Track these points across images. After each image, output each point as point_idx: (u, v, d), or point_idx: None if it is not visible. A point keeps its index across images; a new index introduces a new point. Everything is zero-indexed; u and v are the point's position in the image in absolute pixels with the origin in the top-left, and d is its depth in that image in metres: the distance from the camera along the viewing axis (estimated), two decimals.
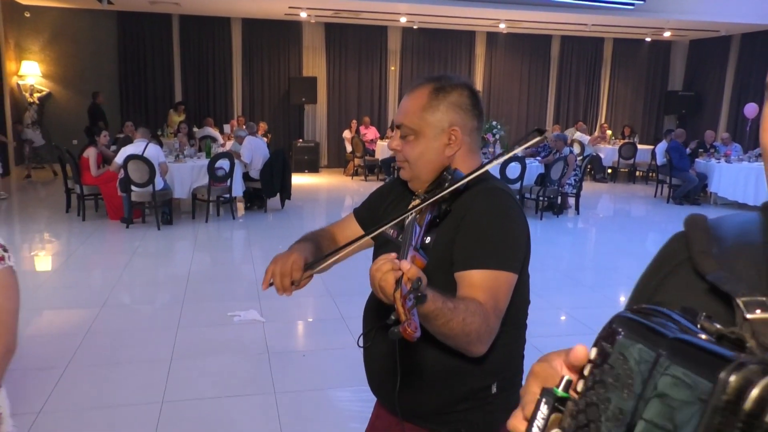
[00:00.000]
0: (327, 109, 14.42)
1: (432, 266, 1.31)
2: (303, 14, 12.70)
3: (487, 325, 1.30)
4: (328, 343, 4.34)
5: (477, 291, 1.34)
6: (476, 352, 1.33)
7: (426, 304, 1.13)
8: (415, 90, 1.51)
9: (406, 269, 1.08)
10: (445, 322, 1.21)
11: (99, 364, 3.91)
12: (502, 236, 1.43)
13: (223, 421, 3.26)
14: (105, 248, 7.25)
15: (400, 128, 1.51)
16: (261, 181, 9.08)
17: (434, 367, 1.46)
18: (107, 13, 12.63)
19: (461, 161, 1.50)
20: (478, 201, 1.43)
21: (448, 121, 1.48)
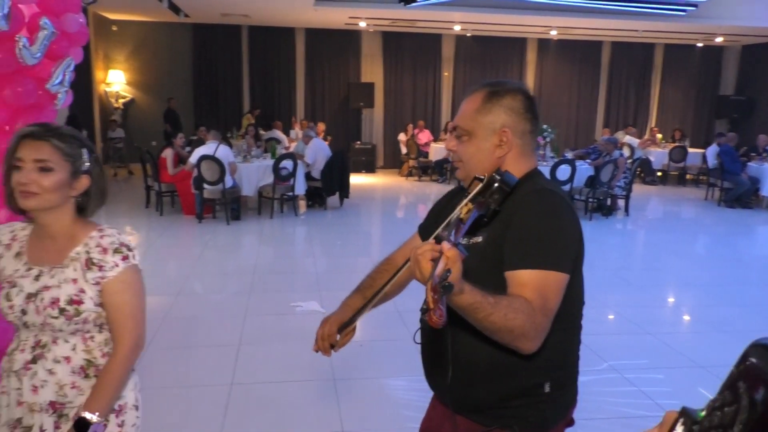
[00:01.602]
0: (383, 113, 14.46)
1: (482, 265, 1.31)
2: (362, 24, 12.77)
3: (533, 323, 1.26)
4: (384, 334, 4.35)
5: (525, 290, 1.31)
6: (525, 348, 1.29)
7: (463, 297, 1.14)
8: (472, 94, 1.51)
9: (446, 249, 1.08)
10: (485, 316, 1.20)
11: (175, 347, 4.03)
12: (551, 236, 1.38)
13: (287, 404, 3.31)
14: (179, 241, 7.49)
15: (455, 130, 1.52)
16: (321, 180, 9.18)
17: (486, 362, 1.43)
18: (184, 25, 13.03)
19: (512, 163, 1.47)
20: (527, 201, 1.40)
21: (500, 122, 1.46)
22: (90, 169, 1.54)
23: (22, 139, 1.46)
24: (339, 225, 8.45)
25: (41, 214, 1.50)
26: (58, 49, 3.46)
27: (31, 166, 1.44)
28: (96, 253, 1.51)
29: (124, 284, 1.52)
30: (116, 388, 1.53)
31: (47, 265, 1.52)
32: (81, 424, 1.44)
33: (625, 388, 3.61)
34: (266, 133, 11.68)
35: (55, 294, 1.48)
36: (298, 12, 11.66)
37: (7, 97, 3.31)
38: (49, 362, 1.50)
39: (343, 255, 6.78)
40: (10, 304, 1.49)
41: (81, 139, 1.54)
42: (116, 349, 1.53)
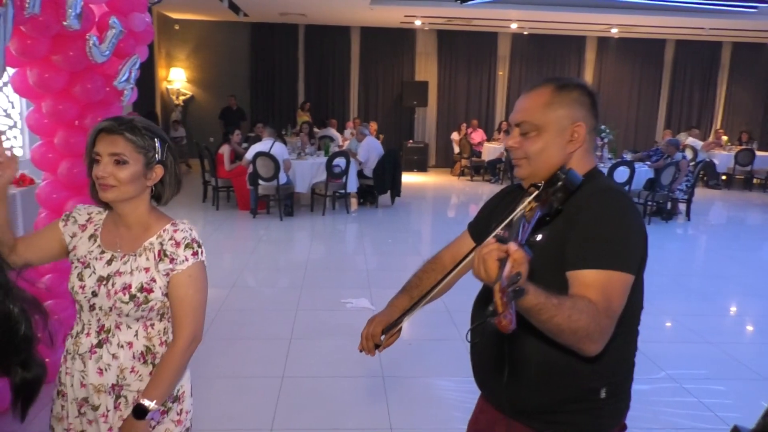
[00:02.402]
0: (436, 112, 14.41)
1: (541, 265, 1.25)
2: (417, 22, 12.75)
3: (597, 324, 1.22)
4: (433, 333, 4.33)
5: (589, 290, 1.26)
6: (588, 350, 1.26)
7: (527, 298, 1.10)
8: (535, 89, 1.45)
9: (512, 250, 1.05)
10: (549, 318, 1.16)
11: (229, 338, 4.13)
12: (617, 236, 1.33)
13: (336, 399, 3.35)
14: (234, 235, 7.66)
15: (519, 126, 1.44)
16: (373, 178, 9.22)
17: (542, 364, 1.39)
18: (242, 24, 13.32)
19: (577, 160, 1.42)
20: (592, 200, 1.35)
21: (572, 117, 1.41)
22: (164, 159, 1.58)
23: (99, 133, 1.53)
24: (390, 223, 8.46)
25: (119, 204, 1.57)
26: (125, 48, 3.60)
27: (107, 160, 1.51)
28: (169, 245, 1.57)
29: (190, 278, 1.57)
30: (174, 378, 1.58)
31: (120, 252, 1.58)
32: (139, 411, 1.50)
33: (683, 399, 3.48)
34: (320, 130, 11.82)
35: (127, 280, 1.54)
36: (355, 11, 11.75)
37: (77, 93, 3.46)
38: (114, 347, 1.56)
39: (394, 253, 6.79)
40: (82, 284, 1.56)
41: (154, 130, 1.58)
42: (176, 340, 1.58)
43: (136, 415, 1.50)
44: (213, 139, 12.44)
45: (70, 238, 1.62)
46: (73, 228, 1.63)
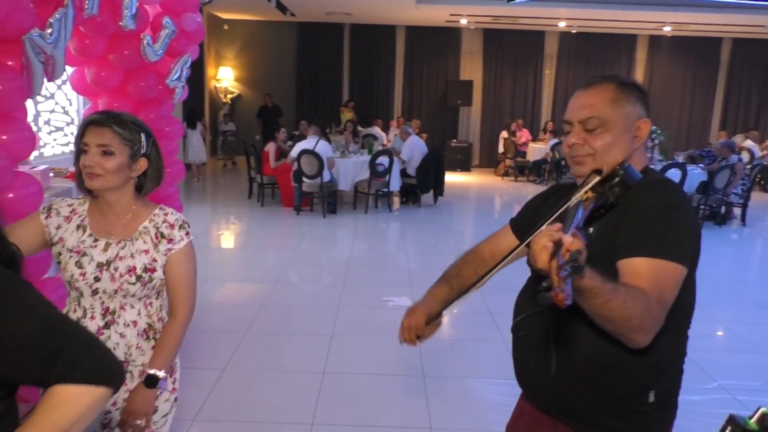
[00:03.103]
0: (481, 112, 14.29)
1: (592, 257, 1.21)
2: (463, 21, 12.67)
3: (650, 313, 1.19)
4: (475, 334, 4.30)
5: (640, 279, 1.23)
6: (638, 341, 1.22)
7: (583, 279, 1.09)
8: (595, 86, 1.42)
9: (567, 242, 1.03)
10: (604, 302, 1.14)
11: (271, 332, 4.20)
12: (670, 226, 1.30)
13: (376, 396, 3.36)
14: (278, 231, 7.78)
15: (583, 122, 1.41)
16: (416, 177, 9.21)
17: (591, 358, 1.35)
18: (289, 24, 13.50)
19: (636, 157, 1.41)
20: (647, 191, 1.33)
21: (637, 113, 1.40)
22: (148, 152, 1.67)
23: (88, 125, 1.61)
24: (432, 222, 8.44)
25: (105, 192, 1.65)
26: (177, 47, 3.69)
27: (95, 150, 1.59)
28: (164, 227, 1.69)
29: (186, 256, 1.71)
30: (176, 348, 1.72)
31: (115, 238, 1.66)
32: (151, 380, 1.65)
33: (736, 411, 3.35)
34: (364, 129, 11.88)
35: (130, 263, 1.64)
36: (400, 10, 11.76)
37: (131, 91, 3.57)
38: (120, 327, 1.67)
39: (436, 252, 6.76)
40: (82, 272, 1.63)
41: (140, 125, 1.68)
42: (176, 314, 1.71)
43: (148, 384, 1.65)
44: (258, 136, 12.65)
45: (55, 230, 1.68)
46: (57, 220, 1.69)
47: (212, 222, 8.04)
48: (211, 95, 13.59)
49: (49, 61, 2.49)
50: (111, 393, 1.10)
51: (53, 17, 2.46)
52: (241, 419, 3.06)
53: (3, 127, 2.37)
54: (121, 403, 1.69)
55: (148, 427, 1.69)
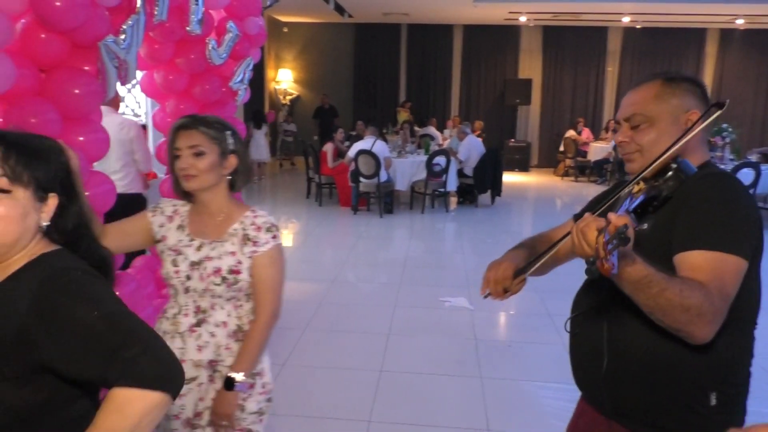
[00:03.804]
0: (540, 111, 14.04)
1: (648, 253, 1.21)
2: (522, 18, 12.48)
3: (711, 304, 1.15)
4: (533, 337, 4.23)
5: (699, 272, 1.19)
6: (699, 334, 1.17)
7: (636, 267, 1.11)
8: (643, 84, 1.43)
9: (613, 218, 1.06)
10: (659, 291, 1.13)
11: (329, 330, 4.26)
12: (728, 217, 1.26)
13: (433, 396, 3.36)
14: (335, 231, 7.88)
15: (628, 120, 1.41)
16: (474, 177, 9.13)
17: (647, 354, 1.31)
18: (347, 25, 13.65)
19: (691, 151, 1.36)
20: (704, 183, 1.30)
21: (684, 105, 1.37)
22: (236, 148, 1.72)
23: (177, 130, 1.68)
24: (489, 223, 8.35)
25: (201, 193, 1.70)
26: (240, 50, 3.80)
27: (187, 153, 1.65)
28: (251, 230, 1.70)
29: (270, 259, 1.71)
30: (257, 351, 1.72)
31: (208, 239, 1.71)
32: (229, 382, 1.66)
33: None
34: (421, 129, 11.87)
35: (217, 264, 1.68)
36: (458, 9, 11.69)
37: (196, 93, 3.70)
38: (211, 326, 1.71)
39: (493, 253, 6.61)
40: (176, 270, 1.70)
41: (224, 123, 1.72)
42: (258, 317, 1.72)
43: (226, 387, 1.66)
44: (316, 137, 12.84)
45: (158, 228, 1.76)
46: (161, 219, 1.77)
47: None
48: (271, 97, 13.90)
49: (122, 66, 2.61)
50: (169, 399, 1.04)
51: (126, 24, 2.58)
52: (300, 414, 3.12)
53: (80, 129, 2.50)
54: (209, 402, 1.71)
55: (233, 427, 1.71)
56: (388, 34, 13.90)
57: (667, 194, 1.27)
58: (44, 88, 2.41)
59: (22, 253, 1.10)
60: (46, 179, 1.09)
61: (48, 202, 1.10)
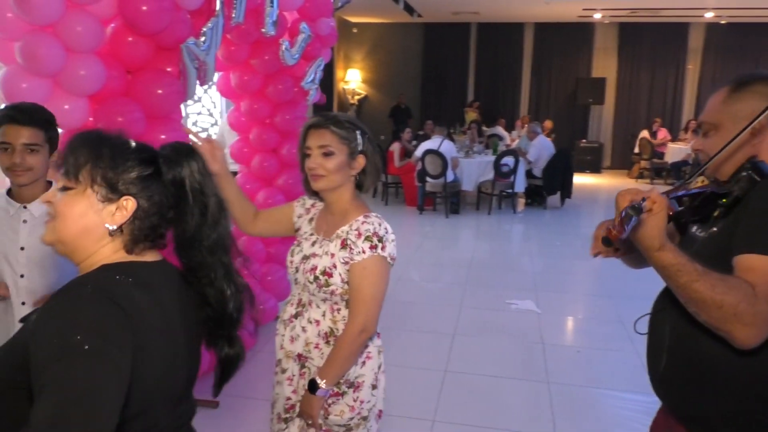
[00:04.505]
0: (614, 110, 13.58)
1: (710, 257, 1.20)
2: (597, 15, 12.11)
3: (750, 306, 1.11)
4: (604, 343, 4.10)
5: (751, 274, 1.15)
6: (739, 336, 1.13)
7: (665, 253, 1.15)
8: (717, 90, 1.39)
9: (653, 194, 1.14)
10: (688, 282, 1.14)
11: (393, 328, 4.28)
12: None
13: (498, 399, 3.32)
14: (401, 230, 7.90)
15: (701, 128, 1.41)
16: (543, 178, 8.95)
17: (694, 358, 1.28)
18: (416, 25, 13.67)
19: (766, 152, 1.30)
20: None
21: (751, 108, 1.29)
22: (365, 149, 1.70)
23: (308, 129, 1.68)
24: (558, 225, 8.16)
25: (328, 193, 1.71)
26: (311, 51, 3.88)
27: (317, 152, 1.65)
28: (352, 236, 1.65)
29: (365, 270, 1.63)
30: (344, 362, 1.64)
31: (321, 236, 1.73)
32: (312, 386, 1.64)
33: None
34: (489, 129, 11.74)
35: (315, 262, 1.68)
36: (529, 7, 11.48)
37: (269, 93, 3.81)
38: (305, 321, 1.72)
39: (562, 256, 6.53)
40: (291, 260, 1.76)
41: (355, 123, 1.71)
42: (347, 326, 1.65)
43: (309, 389, 1.65)
44: (383, 136, 12.93)
45: (297, 218, 1.83)
46: (301, 210, 1.84)
47: None
48: (340, 97, 14.10)
49: (202, 67, 2.72)
50: None
51: (206, 26, 2.69)
52: None
53: (162, 127, 2.62)
54: (300, 396, 1.73)
55: (316, 427, 1.68)
56: (457, 34, 13.81)
57: (738, 194, 1.24)
58: (130, 89, 2.55)
59: (101, 257, 1.05)
60: (116, 180, 1.03)
61: (120, 205, 1.03)
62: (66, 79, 2.28)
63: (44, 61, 2.19)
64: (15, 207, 1.87)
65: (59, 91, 2.32)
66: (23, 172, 1.80)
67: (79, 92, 2.32)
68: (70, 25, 2.23)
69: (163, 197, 1.07)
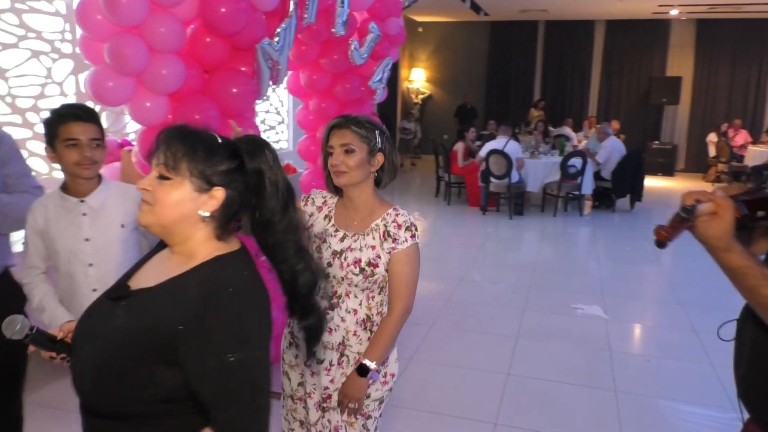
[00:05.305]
0: (689, 111, 13.00)
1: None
2: (673, 11, 11.63)
3: None
4: (676, 353, 3.95)
5: None
6: None
7: (731, 255, 1.13)
8: None
9: (719, 196, 1.13)
10: (755, 286, 1.12)
11: (455, 328, 4.27)
12: None
13: (563, 405, 3.25)
14: (463, 231, 7.85)
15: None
16: (612, 180, 8.68)
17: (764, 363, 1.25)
18: (482, 23, 13.53)
19: None
20: None
21: None
22: (383, 147, 1.81)
23: (331, 129, 1.80)
24: (627, 229, 7.89)
25: (349, 188, 1.81)
26: (380, 50, 3.91)
27: (339, 150, 1.76)
28: (392, 227, 1.79)
29: (407, 257, 1.79)
30: (389, 343, 1.82)
31: (351, 231, 1.82)
32: (363, 369, 1.77)
33: None
34: (555, 129, 11.48)
35: (357, 255, 1.78)
36: (601, 4, 11.16)
37: (337, 93, 3.87)
38: (342, 311, 1.81)
39: (631, 261, 6.31)
40: (319, 256, 1.82)
41: (374, 123, 1.81)
42: (392, 310, 1.81)
43: (360, 373, 1.77)
44: (447, 136, 12.87)
45: (308, 216, 1.89)
46: (312, 208, 1.91)
47: None
48: (403, 96, 14.14)
49: (275, 67, 2.80)
50: None
51: (280, 27, 2.76)
52: (425, 409, 3.16)
53: None
54: (338, 384, 1.83)
55: (360, 410, 1.82)
56: (525, 32, 13.58)
57: None
58: (207, 88, 2.65)
59: (192, 243, 1.18)
60: (209, 173, 1.14)
61: (213, 195, 1.15)
62: (149, 78, 2.39)
63: (130, 60, 2.31)
64: (72, 201, 1.98)
65: (142, 90, 2.44)
66: (90, 166, 1.93)
67: (161, 90, 2.43)
68: (154, 26, 2.34)
69: (246, 186, 1.20)
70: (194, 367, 1.08)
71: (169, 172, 1.13)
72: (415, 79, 14.21)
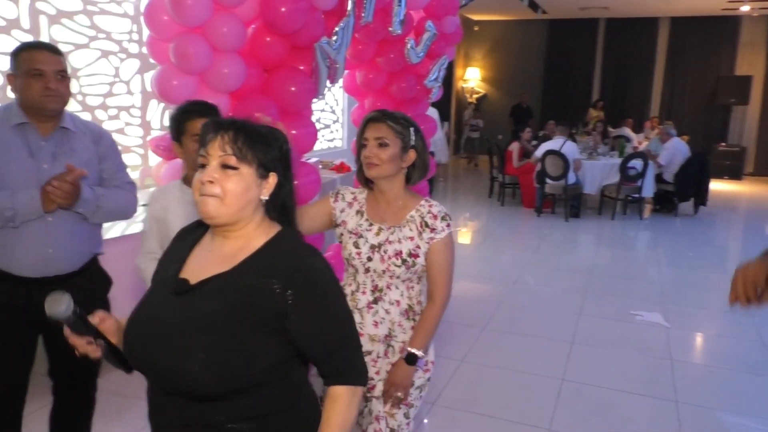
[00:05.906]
0: (760, 112, 12.40)
1: None
2: (744, 8, 11.12)
3: None
4: (743, 363, 3.77)
5: None
6: None
7: None
8: None
9: None
10: None
11: (507, 331, 4.20)
12: None
13: (620, 414, 3.15)
14: (517, 232, 7.73)
15: None
16: (674, 184, 8.37)
17: None
18: (540, 22, 13.28)
19: None
20: None
21: None
22: (416, 144, 1.83)
23: (367, 122, 1.82)
24: (690, 234, 7.59)
25: (381, 181, 1.83)
26: (436, 49, 3.89)
27: (373, 143, 1.79)
28: (429, 218, 1.83)
29: (445, 246, 1.84)
30: (433, 331, 1.86)
31: (387, 224, 1.85)
32: (411, 358, 1.81)
33: None
34: (615, 130, 11.16)
35: (397, 247, 1.81)
36: (666, 1, 10.77)
37: (393, 91, 3.87)
38: (386, 304, 1.85)
39: (694, 267, 6.07)
40: (358, 251, 1.85)
41: (409, 120, 1.84)
42: (434, 298, 1.85)
43: (409, 362, 1.81)
44: (501, 136, 12.71)
45: (339, 213, 1.91)
46: (342, 204, 1.92)
47: (453, 218, 8.33)
48: (458, 95, 14.04)
49: (333, 66, 2.82)
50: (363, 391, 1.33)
51: (338, 26, 2.78)
52: (476, 411, 3.13)
53: (293, 123, 2.75)
54: (383, 374, 1.87)
55: (405, 399, 1.85)
56: (584, 30, 13.26)
57: None
58: (266, 86, 2.70)
59: (251, 225, 1.26)
60: (267, 160, 1.24)
61: (269, 180, 1.25)
62: (211, 77, 2.45)
63: (194, 59, 2.37)
64: (190, 193, 2.04)
65: (204, 88, 2.50)
66: None
67: (223, 89, 2.49)
68: (217, 26, 2.40)
69: (284, 170, 1.30)
70: (310, 325, 1.20)
71: (238, 162, 1.20)
72: (470, 79, 14.09)
